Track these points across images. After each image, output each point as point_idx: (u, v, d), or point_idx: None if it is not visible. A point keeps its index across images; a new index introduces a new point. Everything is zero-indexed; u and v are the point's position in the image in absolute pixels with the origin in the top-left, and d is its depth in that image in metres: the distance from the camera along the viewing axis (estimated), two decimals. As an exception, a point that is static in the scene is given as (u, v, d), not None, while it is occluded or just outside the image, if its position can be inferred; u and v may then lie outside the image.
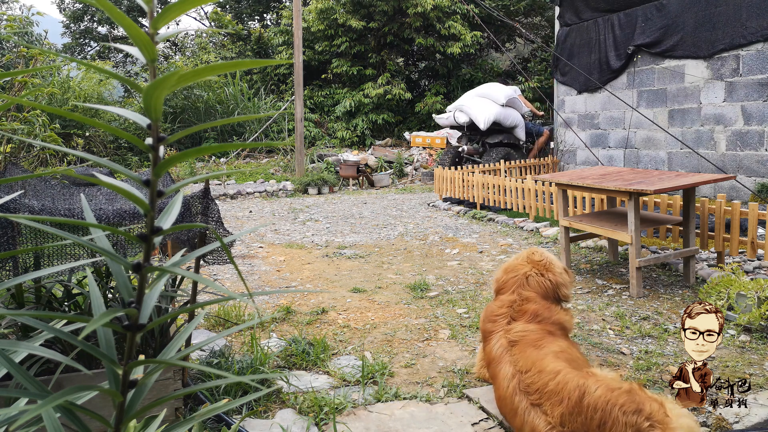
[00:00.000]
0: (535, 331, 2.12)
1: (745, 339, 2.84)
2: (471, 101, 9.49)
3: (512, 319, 2.22)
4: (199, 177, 0.92)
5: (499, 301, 2.34)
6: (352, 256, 4.97)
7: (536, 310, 2.23)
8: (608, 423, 1.62)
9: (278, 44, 15.99)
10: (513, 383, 1.93)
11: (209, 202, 2.14)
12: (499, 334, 2.18)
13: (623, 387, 1.69)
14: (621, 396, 1.65)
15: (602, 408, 1.64)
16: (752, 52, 6.63)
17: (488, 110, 9.20)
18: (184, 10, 0.72)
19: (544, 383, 1.82)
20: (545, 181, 5.68)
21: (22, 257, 1.84)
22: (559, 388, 1.76)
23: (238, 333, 3.01)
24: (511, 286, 2.36)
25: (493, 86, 9.78)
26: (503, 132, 9.70)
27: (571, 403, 1.70)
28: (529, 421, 1.81)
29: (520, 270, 2.40)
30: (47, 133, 3.50)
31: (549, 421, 1.75)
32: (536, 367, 1.90)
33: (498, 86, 9.74)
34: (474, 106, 9.31)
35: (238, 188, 9.59)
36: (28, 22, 12.36)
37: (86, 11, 23.31)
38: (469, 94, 10.04)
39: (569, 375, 1.79)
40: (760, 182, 6.58)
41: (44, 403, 0.70)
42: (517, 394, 1.90)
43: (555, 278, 2.39)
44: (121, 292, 0.86)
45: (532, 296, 2.30)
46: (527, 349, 2.02)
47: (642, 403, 1.63)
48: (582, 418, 1.67)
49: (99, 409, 1.74)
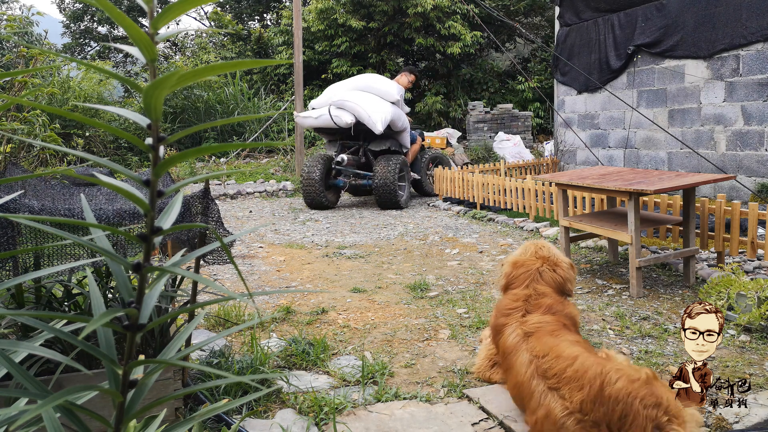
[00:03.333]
0: (551, 323, 2.15)
1: (745, 339, 2.84)
2: (355, 96, 7.54)
3: (527, 312, 2.24)
4: (199, 177, 0.92)
5: (513, 295, 2.35)
6: (352, 256, 4.97)
7: (551, 304, 2.26)
8: (630, 415, 1.65)
9: (278, 44, 15.99)
10: (530, 369, 1.94)
11: (209, 202, 2.14)
12: (514, 325, 2.19)
13: (642, 377, 1.71)
14: (641, 388, 1.68)
15: (624, 400, 1.67)
16: (752, 52, 6.63)
17: (383, 109, 7.45)
18: (184, 10, 0.72)
19: (562, 368, 1.83)
20: (545, 181, 5.68)
21: (22, 257, 1.84)
22: (579, 375, 1.78)
23: (238, 333, 3.01)
24: (524, 281, 2.37)
25: (377, 78, 7.98)
26: (389, 138, 8.00)
27: (592, 391, 1.72)
28: (545, 404, 1.82)
29: (532, 265, 2.41)
30: (47, 133, 3.50)
31: (566, 406, 1.75)
32: (553, 352, 1.92)
33: (383, 79, 8.01)
34: (363, 103, 7.41)
35: (238, 188, 9.60)
36: (28, 22, 12.37)
37: (86, 11, 23.31)
38: (343, 86, 8.05)
39: (587, 361, 1.81)
40: (760, 182, 6.58)
41: (44, 403, 0.70)
42: (534, 378, 1.91)
43: (563, 273, 2.41)
44: (121, 292, 0.86)
45: (547, 291, 2.32)
46: (544, 337, 2.04)
47: (660, 396, 1.67)
48: (604, 408, 1.69)
49: (99, 409, 1.74)
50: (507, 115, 12.81)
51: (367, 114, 7.30)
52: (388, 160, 7.51)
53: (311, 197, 7.73)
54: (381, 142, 7.96)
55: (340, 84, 8.23)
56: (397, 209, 7.64)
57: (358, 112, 7.35)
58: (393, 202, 7.53)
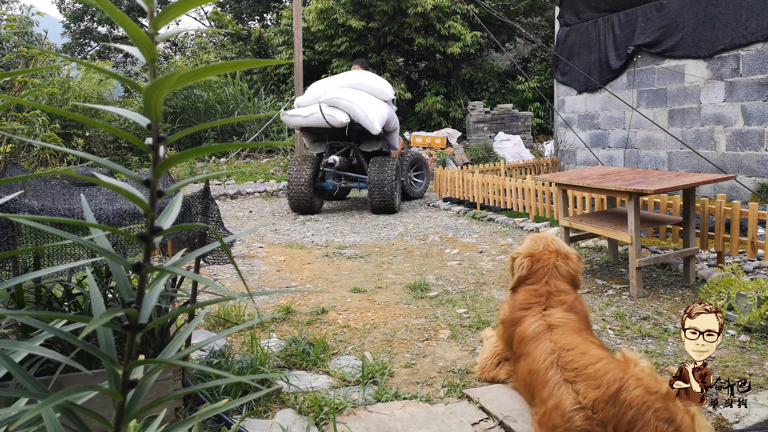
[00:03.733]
0: (576, 321, 2.16)
1: (745, 339, 2.84)
2: (350, 94, 6.95)
3: (549, 306, 2.25)
4: (199, 177, 0.92)
5: (532, 290, 2.34)
6: (352, 256, 4.97)
7: (572, 302, 2.27)
8: (639, 423, 1.65)
9: (278, 44, 15.99)
10: (551, 358, 1.95)
11: (209, 202, 2.14)
12: (535, 317, 2.20)
13: (661, 391, 1.71)
14: (657, 401, 1.68)
15: (637, 407, 1.67)
16: (752, 52, 6.63)
17: (379, 108, 6.99)
18: (184, 10, 0.72)
19: (584, 365, 1.84)
20: (545, 181, 5.68)
21: (22, 257, 1.84)
22: (599, 375, 1.78)
23: (238, 333, 3.01)
24: (543, 276, 2.36)
25: (369, 75, 7.44)
26: (380, 138, 7.53)
27: (608, 393, 1.72)
28: (556, 395, 1.82)
29: (548, 259, 2.40)
30: (47, 133, 3.50)
31: (578, 401, 1.76)
32: (580, 349, 1.93)
33: (375, 76, 7.46)
34: (359, 101, 6.86)
35: (238, 188, 9.60)
36: (28, 22, 12.37)
37: (86, 11, 23.31)
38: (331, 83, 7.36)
39: (610, 365, 1.82)
40: (760, 182, 6.58)
41: (44, 403, 0.70)
42: (553, 367, 1.92)
43: (574, 266, 2.43)
44: (121, 292, 0.86)
45: (567, 288, 2.33)
46: (571, 333, 2.05)
47: (675, 413, 1.67)
48: (615, 411, 1.69)
49: (99, 409, 1.74)
50: (507, 115, 12.81)
51: (364, 113, 6.77)
52: (383, 163, 7.11)
53: (299, 202, 7.22)
54: (373, 143, 7.49)
55: (328, 81, 7.49)
56: (392, 213, 7.27)
57: (354, 111, 6.80)
58: (390, 206, 7.15)
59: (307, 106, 7.13)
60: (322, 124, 6.92)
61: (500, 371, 2.40)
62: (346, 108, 6.84)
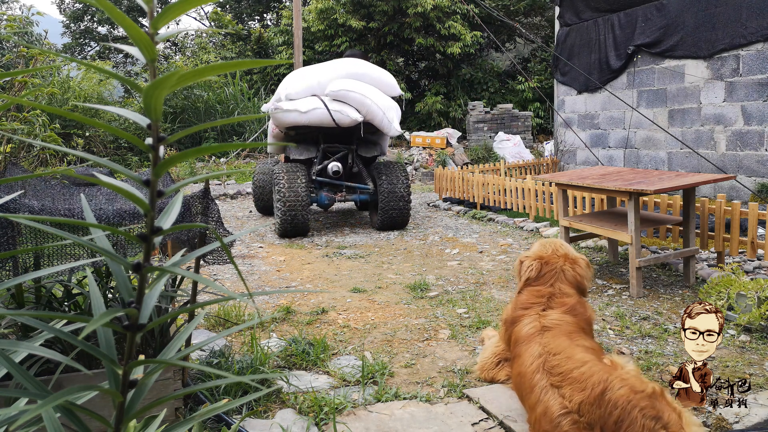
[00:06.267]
0: (571, 324, 2.15)
1: (745, 339, 2.84)
2: (359, 86, 5.69)
3: (548, 308, 2.25)
4: (199, 177, 0.92)
5: (535, 291, 2.35)
6: (352, 256, 4.97)
7: (574, 304, 2.26)
8: (625, 422, 1.65)
9: (278, 44, 15.99)
10: (538, 361, 1.95)
11: (209, 202, 2.14)
12: (532, 317, 2.20)
13: (647, 390, 1.70)
14: (643, 399, 1.68)
15: (623, 407, 1.67)
16: (752, 52, 6.63)
17: (393, 105, 5.91)
18: (184, 10, 0.72)
19: (569, 369, 1.84)
20: (545, 181, 5.68)
21: (22, 257, 1.84)
22: (584, 378, 1.78)
23: (238, 333, 3.01)
24: (549, 279, 2.37)
25: (370, 66, 6.13)
26: (376, 142, 6.46)
27: (593, 394, 1.72)
28: (544, 401, 1.83)
29: (555, 263, 2.41)
30: (47, 133, 3.50)
31: (565, 405, 1.76)
32: (566, 353, 1.92)
33: (377, 68, 6.21)
34: (373, 95, 5.66)
35: (238, 188, 9.59)
36: (28, 22, 12.36)
37: (86, 11, 23.31)
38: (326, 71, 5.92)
39: (595, 368, 1.82)
40: (760, 182, 6.58)
41: (44, 403, 0.70)
42: (539, 372, 1.91)
43: (582, 272, 2.43)
44: (121, 292, 0.86)
45: (571, 291, 2.33)
46: (560, 336, 2.05)
47: (662, 411, 1.66)
48: (601, 411, 1.69)
49: (99, 409, 1.74)
50: (507, 115, 12.81)
51: (381, 110, 5.59)
52: (391, 170, 5.99)
53: (295, 222, 5.64)
54: (371, 147, 6.33)
55: (321, 69, 6.02)
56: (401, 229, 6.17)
57: (369, 107, 5.58)
58: (403, 221, 6.04)
59: (299, 99, 5.75)
60: (326, 122, 5.60)
61: (499, 371, 2.40)
62: (358, 103, 5.58)
